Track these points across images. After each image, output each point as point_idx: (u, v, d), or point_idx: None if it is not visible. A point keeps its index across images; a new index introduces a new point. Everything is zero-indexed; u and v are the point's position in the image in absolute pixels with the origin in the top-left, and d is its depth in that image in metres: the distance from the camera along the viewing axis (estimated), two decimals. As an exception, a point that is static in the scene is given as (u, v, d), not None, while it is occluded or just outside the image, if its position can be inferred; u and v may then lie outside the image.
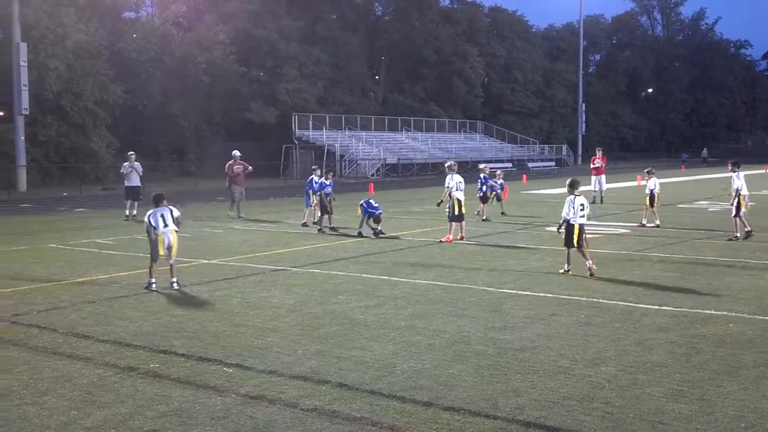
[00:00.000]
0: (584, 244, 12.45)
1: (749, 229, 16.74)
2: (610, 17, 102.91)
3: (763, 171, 52.76)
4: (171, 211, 11.81)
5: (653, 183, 19.81)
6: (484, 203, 22.19)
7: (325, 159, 50.13)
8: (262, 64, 57.58)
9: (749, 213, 18.05)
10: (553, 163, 73.71)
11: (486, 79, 77.65)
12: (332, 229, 19.34)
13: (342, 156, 54.54)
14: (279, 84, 56.77)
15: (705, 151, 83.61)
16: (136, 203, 22.92)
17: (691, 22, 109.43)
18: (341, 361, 7.60)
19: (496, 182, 23.98)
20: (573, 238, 12.31)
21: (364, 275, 12.60)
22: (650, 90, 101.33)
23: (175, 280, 11.66)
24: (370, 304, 10.29)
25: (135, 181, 23.20)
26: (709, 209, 25.23)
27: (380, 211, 18.34)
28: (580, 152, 79.72)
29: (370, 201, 18.56)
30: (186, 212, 23.67)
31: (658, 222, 19.36)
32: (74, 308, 10.20)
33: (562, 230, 12.59)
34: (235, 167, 23.89)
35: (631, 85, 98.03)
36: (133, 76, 47.06)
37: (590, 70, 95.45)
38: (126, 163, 23.50)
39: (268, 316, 9.63)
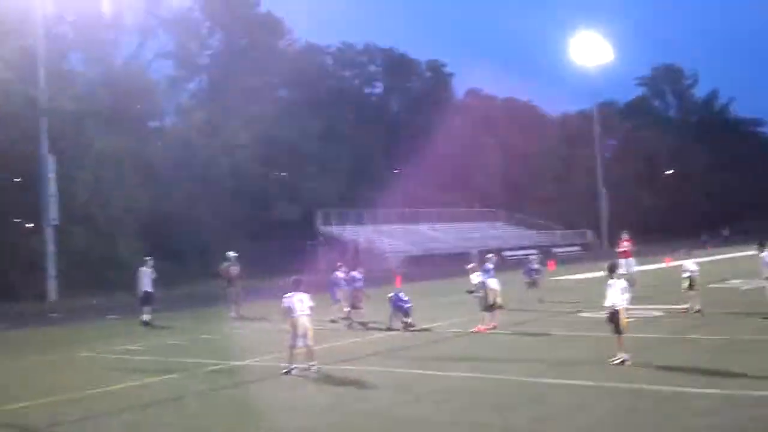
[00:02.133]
0: (624, 329, 12.02)
1: None
2: (623, 102, 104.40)
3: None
4: (307, 297, 12.46)
5: (692, 264, 18.82)
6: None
7: (352, 254, 50.23)
8: (284, 163, 58.64)
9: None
10: (578, 248, 73.30)
11: (504, 168, 78.31)
12: (362, 324, 19.20)
13: (367, 250, 54.70)
14: (301, 182, 57.60)
15: (725, 230, 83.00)
16: (150, 308, 22.81)
17: (704, 103, 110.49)
18: (384, 460, 7.43)
19: (532, 267, 23.67)
20: (621, 323, 11.81)
21: (398, 370, 12.43)
22: (669, 171, 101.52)
23: (313, 363, 12.12)
24: (406, 400, 10.11)
25: (149, 286, 23.11)
26: (742, 288, 24.79)
27: (410, 305, 18.22)
28: (605, 235, 79.34)
29: (399, 294, 18.47)
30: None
31: (698, 307, 18.33)
32: (108, 417, 10.12)
33: (610, 318, 11.98)
34: (231, 269, 24.15)
35: (649, 167, 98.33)
36: (159, 182, 48.00)
37: (607, 155, 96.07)
38: (142, 268, 23.39)
39: (303, 417, 9.48)
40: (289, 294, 12.45)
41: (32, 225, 42.23)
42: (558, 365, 12.15)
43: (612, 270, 12.36)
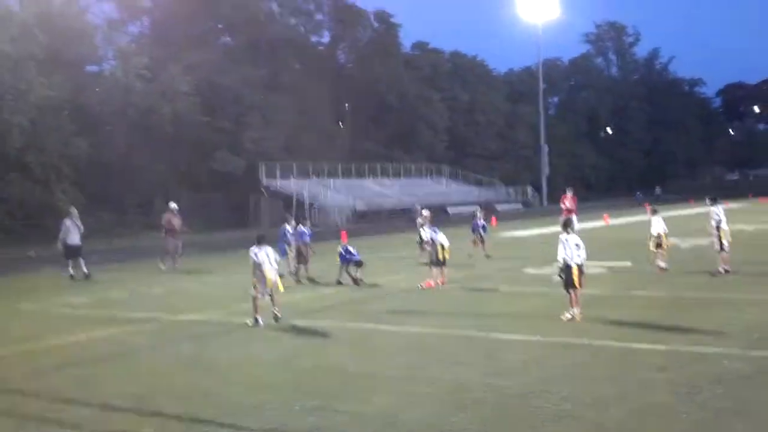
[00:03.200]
0: (583, 284, 12.09)
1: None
2: (567, 60, 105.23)
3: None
4: (273, 252, 13.00)
5: (657, 222, 18.08)
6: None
7: (295, 207, 49.87)
8: (227, 112, 57.51)
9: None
10: (519, 205, 74.33)
11: (449, 124, 78.42)
12: (309, 279, 19.09)
13: (311, 204, 54.35)
14: (244, 132, 56.67)
15: (658, 188, 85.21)
16: (82, 261, 21.98)
17: (645, 62, 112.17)
18: (341, 415, 7.39)
19: (478, 224, 23.78)
20: (573, 279, 11.92)
21: (349, 324, 12.40)
22: (609, 130, 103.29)
23: (276, 311, 12.65)
24: (360, 355, 10.09)
25: (76, 239, 22.22)
26: (681, 246, 25.44)
27: (359, 257, 18.16)
28: (545, 193, 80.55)
29: (348, 248, 18.40)
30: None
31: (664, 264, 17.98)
32: (56, 372, 9.84)
33: (562, 274, 12.15)
34: (173, 220, 23.89)
35: (590, 125, 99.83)
36: (97, 129, 46.62)
37: (550, 112, 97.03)
38: (67, 220, 22.37)
39: (257, 373, 9.38)
40: (255, 248, 12.66)
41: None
42: (509, 320, 12.28)
43: (566, 226, 12.46)
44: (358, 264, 17.96)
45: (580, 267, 12.03)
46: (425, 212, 20.52)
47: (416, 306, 14.26)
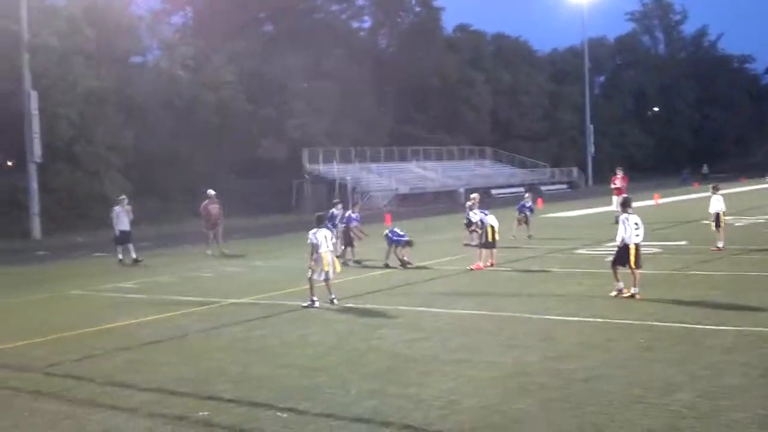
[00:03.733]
0: (641, 264, 11.94)
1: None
2: (613, 38, 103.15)
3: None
4: (331, 234, 13.16)
5: (717, 201, 17.72)
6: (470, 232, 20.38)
7: (337, 192, 49.81)
8: (270, 100, 57.64)
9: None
10: (565, 186, 73.31)
11: (493, 106, 77.52)
12: (356, 261, 18.95)
13: (354, 188, 54.26)
14: (287, 120, 56.77)
15: (705, 167, 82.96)
16: (131, 246, 22.41)
17: (693, 39, 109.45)
18: (399, 399, 7.19)
19: (525, 205, 23.58)
20: (629, 258, 11.73)
21: (401, 307, 12.20)
22: (656, 108, 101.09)
23: (333, 296, 12.64)
24: (414, 338, 9.88)
25: (126, 225, 22.61)
26: (736, 224, 24.68)
27: (407, 238, 17.94)
28: (590, 173, 79.31)
29: (395, 230, 18.20)
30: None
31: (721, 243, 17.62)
32: (108, 356, 9.82)
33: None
34: (210, 207, 24.03)
35: (637, 104, 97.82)
36: (143, 119, 47.09)
37: (595, 92, 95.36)
38: (117, 207, 22.87)
39: (311, 355, 9.24)
40: (313, 230, 12.67)
41: (15, 162, 41.46)
42: (563, 302, 11.96)
43: (626, 205, 12.16)
44: (408, 244, 17.75)
45: (637, 246, 11.74)
46: (474, 195, 20.39)
47: (467, 288, 14.00)
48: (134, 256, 22.13)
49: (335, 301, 12.68)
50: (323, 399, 7.33)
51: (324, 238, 12.56)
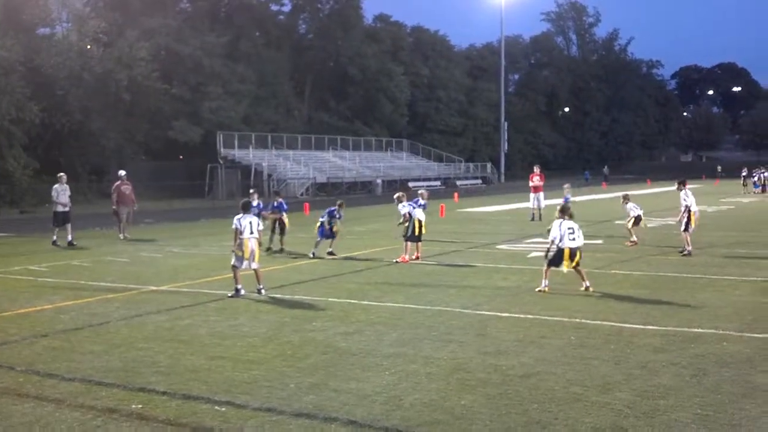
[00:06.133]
0: (580, 264, 12.34)
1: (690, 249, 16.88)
2: (528, 37, 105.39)
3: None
4: (257, 221, 12.60)
5: (633, 207, 19.41)
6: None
7: (252, 178, 49.11)
8: (185, 81, 56.20)
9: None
10: (479, 181, 74.56)
11: (410, 98, 78.00)
12: (281, 250, 18.65)
13: (270, 176, 53.56)
14: (202, 102, 55.52)
15: (606, 168, 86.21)
16: (69, 227, 21.55)
17: (605, 43, 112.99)
18: (341, 394, 7.04)
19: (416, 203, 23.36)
20: (561, 261, 12.15)
21: (330, 299, 12.03)
22: (567, 109, 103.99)
23: (261, 286, 12.38)
24: (348, 331, 9.73)
25: (65, 204, 21.88)
26: (648, 225, 25.53)
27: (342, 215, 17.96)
28: (503, 170, 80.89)
29: (333, 210, 17.96)
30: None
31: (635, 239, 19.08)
32: (27, 343, 9.28)
33: (551, 254, 12.41)
34: (122, 188, 23.45)
35: (549, 104, 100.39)
36: (51, 93, 45.08)
37: (510, 90, 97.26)
38: (57, 185, 22.11)
39: (243, 347, 8.96)
40: (239, 216, 12.34)
41: None
42: (492, 297, 12.05)
43: (563, 211, 12.44)
44: (336, 217, 17.60)
45: (572, 249, 12.09)
46: (421, 191, 19.59)
47: (395, 280, 13.95)
48: (70, 238, 21.17)
49: (263, 291, 12.40)
50: (261, 393, 7.10)
51: (249, 224, 12.28)
